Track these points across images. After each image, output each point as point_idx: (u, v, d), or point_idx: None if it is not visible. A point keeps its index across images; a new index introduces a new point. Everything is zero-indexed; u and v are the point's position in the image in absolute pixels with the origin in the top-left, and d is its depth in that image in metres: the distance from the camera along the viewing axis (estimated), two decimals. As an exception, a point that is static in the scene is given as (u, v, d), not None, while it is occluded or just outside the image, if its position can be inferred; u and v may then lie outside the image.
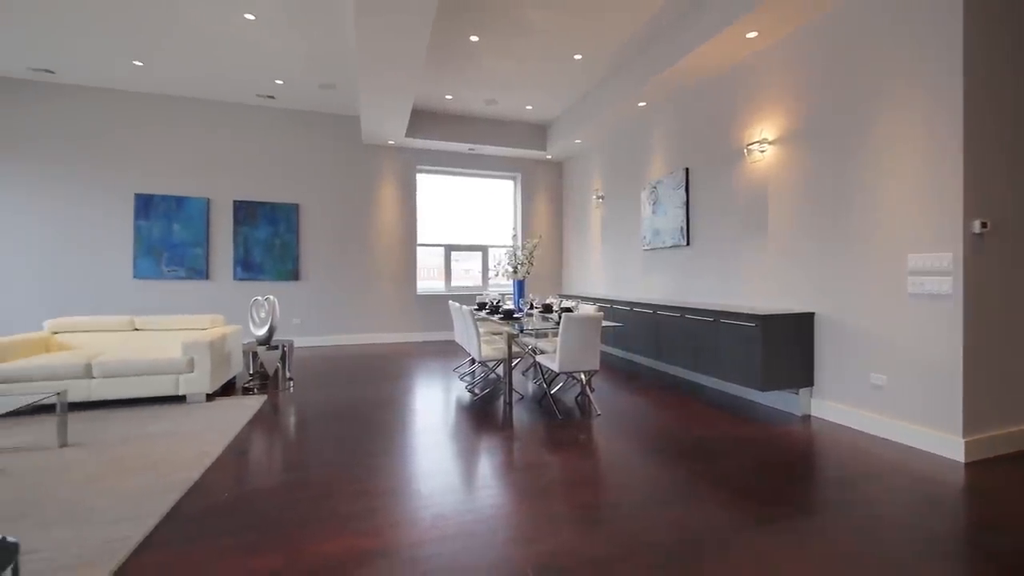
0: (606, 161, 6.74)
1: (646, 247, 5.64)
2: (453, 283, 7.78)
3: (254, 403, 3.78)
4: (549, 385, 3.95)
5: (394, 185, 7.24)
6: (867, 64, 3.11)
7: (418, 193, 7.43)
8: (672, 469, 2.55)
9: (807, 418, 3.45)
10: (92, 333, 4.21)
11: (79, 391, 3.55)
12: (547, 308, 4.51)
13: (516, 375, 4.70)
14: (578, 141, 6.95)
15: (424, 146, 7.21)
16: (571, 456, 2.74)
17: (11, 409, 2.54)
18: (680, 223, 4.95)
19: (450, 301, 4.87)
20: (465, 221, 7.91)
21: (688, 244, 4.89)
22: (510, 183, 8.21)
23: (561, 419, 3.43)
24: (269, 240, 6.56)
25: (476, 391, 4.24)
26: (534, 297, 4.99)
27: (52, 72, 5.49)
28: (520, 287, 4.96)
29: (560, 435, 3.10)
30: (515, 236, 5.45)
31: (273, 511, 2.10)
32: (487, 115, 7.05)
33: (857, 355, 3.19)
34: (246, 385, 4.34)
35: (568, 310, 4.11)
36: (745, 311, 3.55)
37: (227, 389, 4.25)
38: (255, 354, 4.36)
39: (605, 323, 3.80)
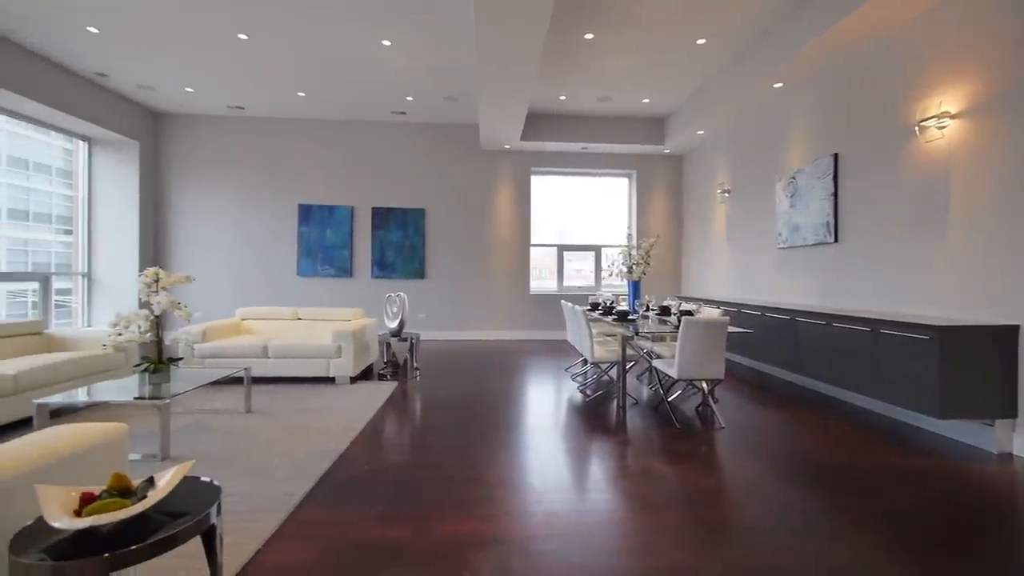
0: (732, 152, 6.18)
1: (781, 245, 5.05)
2: (565, 283, 7.81)
3: (387, 388, 4.24)
4: (666, 392, 3.76)
5: (509, 188, 7.51)
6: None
7: (532, 194, 7.60)
8: (811, 497, 2.26)
9: (1007, 457, 2.78)
10: (267, 320, 5.10)
11: (259, 368, 4.33)
12: (665, 310, 4.30)
13: (630, 379, 4.56)
14: (700, 132, 6.48)
15: (538, 148, 7.36)
16: (690, 469, 2.59)
17: (214, 380, 3.20)
18: (826, 217, 4.33)
19: (562, 301, 4.91)
20: (578, 221, 7.88)
21: (836, 241, 4.26)
22: (624, 181, 7.98)
23: (679, 428, 3.25)
24: (400, 242, 7.28)
25: (588, 392, 4.21)
26: (650, 299, 4.78)
27: (242, 108, 6.76)
28: (635, 288, 4.80)
29: (678, 445, 2.94)
30: (630, 235, 5.28)
31: (403, 487, 2.34)
32: (600, 113, 6.94)
33: (1085, 382, 2.48)
34: (381, 372, 4.87)
35: (688, 313, 3.87)
36: (915, 320, 2.99)
37: (366, 374, 4.82)
38: (388, 344, 4.87)
39: (731, 328, 3.50)
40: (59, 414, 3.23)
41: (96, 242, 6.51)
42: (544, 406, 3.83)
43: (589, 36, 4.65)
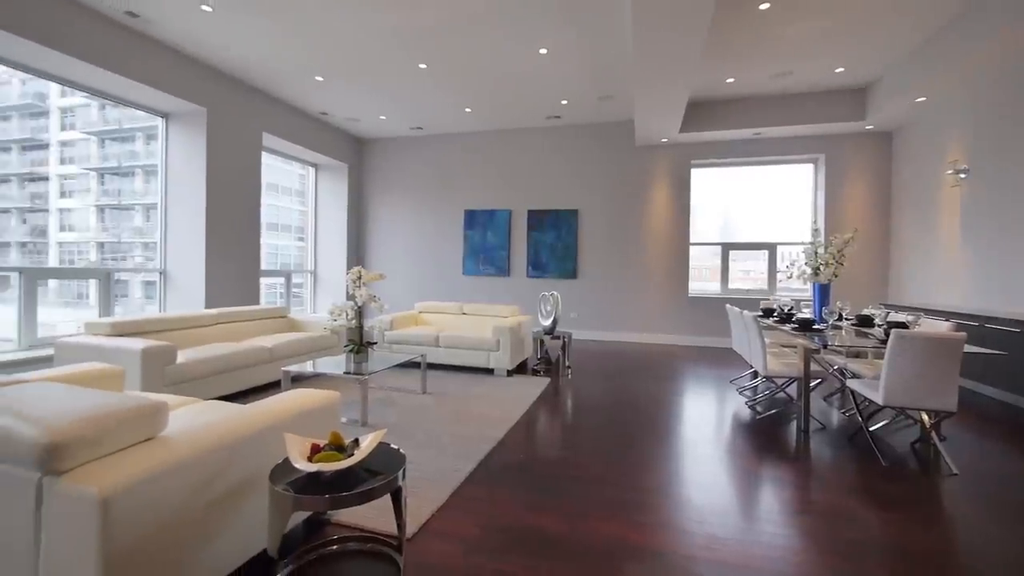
0: (973, 121, 4.78)
1: (1058, 239, 3.72)
2: (730, 285, 7.05)
3: (541, 384, 4.40)
4: (867, 420, 3.10)
5: (666, 183, 7.09)
6: None
7: (692, 189, 7.04)
8: (1114, 589, 1.62)
9: None
10: (438, 314, 5.75)
11: (432, 355, 4.91)
12: (865, 321, 3.57)
13: (815, 399, 3.90)
14: (920, 100, 5.18)
15: (699, 139, 6.78)
16: (903, 518, 2.09)
17: (398, 363, 3.74)
18: None
19: (727, 305, 4.44)
20: (746, 216, 7.04)
21: None
22: (808, 167, 6.83)
23: (886, 466, 2.65)
24: (553, 243, 7.48)
25: (759, 409, 3.73)
26: (843, 305, 4.00)
27: (421, 128, 7.76)
28: (823, 292, 4.08)
29: (884, 486, 2.40)
30: (817, 230, 4.49)
31: (556, 480, 2.40)
32: (778, 91, 6.07)
33: None
34: (534, 368, 5.08)
35: (900, 324, 3.13)
36: None
37: (520, 368, 5.08)
38: (542, 342, 5.04)
39: (968, 348, 2.72)
40: (297, 379, 4.16)
41: (319, 246, 8.20)
42: (705, 418, 3.51)
43: (764, 6, 4.11)
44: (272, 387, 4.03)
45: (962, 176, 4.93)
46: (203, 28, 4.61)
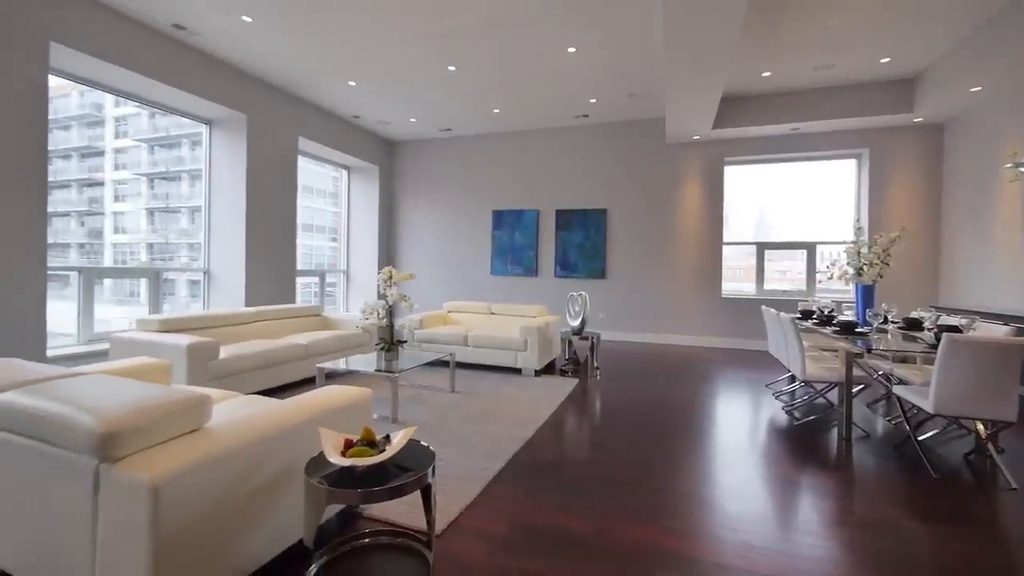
0: (1040, 109, 4.45)
1: None
2: (766, 286, 6.82)
3: (569, 384, 4.37)
4: (915, 429, 2.94)
5: (698, 181, 6.92)
6: None
7: (725, 187, 6.85)
8: None
9: None
10: (467, 314, 5.80)
11: (460, 354, 4.95)
12: (913, 324, 3.39)
13: (857, 405, 3.72)
14: (975, 89, 4.87)
15: (733, 135, 6.58)
16: (957, 533, 1.97)
17: (427, 361, 3.80)
18: None
19: (763, 306, 4.29)
20: (782, 215, 6.79)
21: None
22: (851, 163, 6.53)
23: (937, 478, 2.50)
24: (581, 242, 7.42)
25: (796, 415, 3.59)
26: (888, 307, 3.80)
27: (450, 130, 7.84)
28: (867, 294, 3.89)
29: (934, 500, 2.27)
30: (860, 228, 4.28)
31: (585, 482, 2.38)
32: (818, 84, 5.82)
33: None
34: (562, 368, 5.05)
35: (953, 328, 2.96)
36: None
37: (548, 369, 5.07)
38: (570, 342, 5.01)
39: (1030, 353, 2.54)
40: (330, 376, 4.28)
41: (351, 247, 8.41)
42: (739, 423, 3.41)
43: (807, -4, 3.95)
44: (307, 383, 4.16)
45: (1022, 170, 4.60)
46: (244, 38, 4.81)
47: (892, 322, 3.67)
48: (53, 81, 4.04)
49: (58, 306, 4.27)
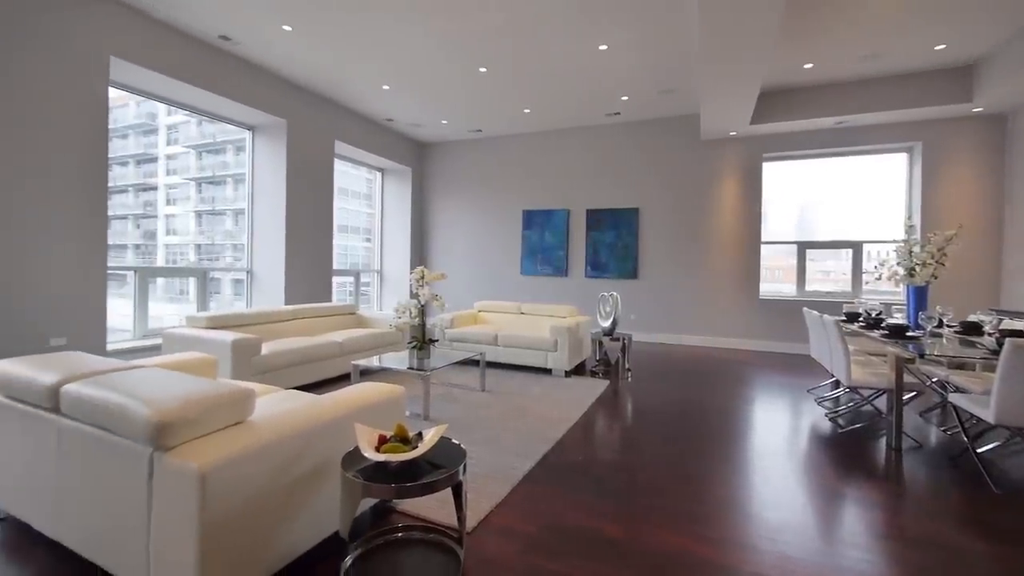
0: (1120, 94, 4.08)
1: None
2: (807, 287, 6.54)
3: (600, 385, 4.33)
4: (974, 440, 2.75)
5: (735, 179, 6.70)
6: None
7: (763, 184, 6.61)
8: None
9: None
10: (497, 313, 5.83)
11: (490, 354, 4.98)
12: (971, 328, 3.18)
13: (908, 414, 3.52)
14: (1049, 74, 4.50)
15: (772, 130, 6.34)
16: (1019, 554, 1.83)
17: (458, 360, 3.84)
18: None
19: (804, 308, 4.12)
20: (825, 212, 6.49)
21: None
22: (902, 156, 6.17)
23: (999, 493, 2.34)
24: (613, 242, 7.32)
25: (840, 422, 3.43)
26: (943, 310, 3.57)
27: (480, 131, 7.90)
28: (919, 296, 3.68)
29: (997, 516, 2.12)
30: (912, 227, 4.04)
31: (616, 485, 2.35)
32: (865, 75, 5.53)
33: None
34: (593, 369, 5.00)
35: (1017, 333, 2.75)
36: None
37: (578, 370, 5.03)
38: (601, 343, 4.96)
39: (1108, 361, 2.33)
40: (364, 373, 4.39)
41: (384, 247, 8.60)
42: (778, 429, 3.29)
43: (854, -18, 3.77)
44: (342, 379, 4.28)
45: (1100, 162, 4.23)
46: (284, 46, 5.00)
47: (948, 326, 3.45)
48: (113, 93, 4.32)
49: (116, 303, 4.57)
